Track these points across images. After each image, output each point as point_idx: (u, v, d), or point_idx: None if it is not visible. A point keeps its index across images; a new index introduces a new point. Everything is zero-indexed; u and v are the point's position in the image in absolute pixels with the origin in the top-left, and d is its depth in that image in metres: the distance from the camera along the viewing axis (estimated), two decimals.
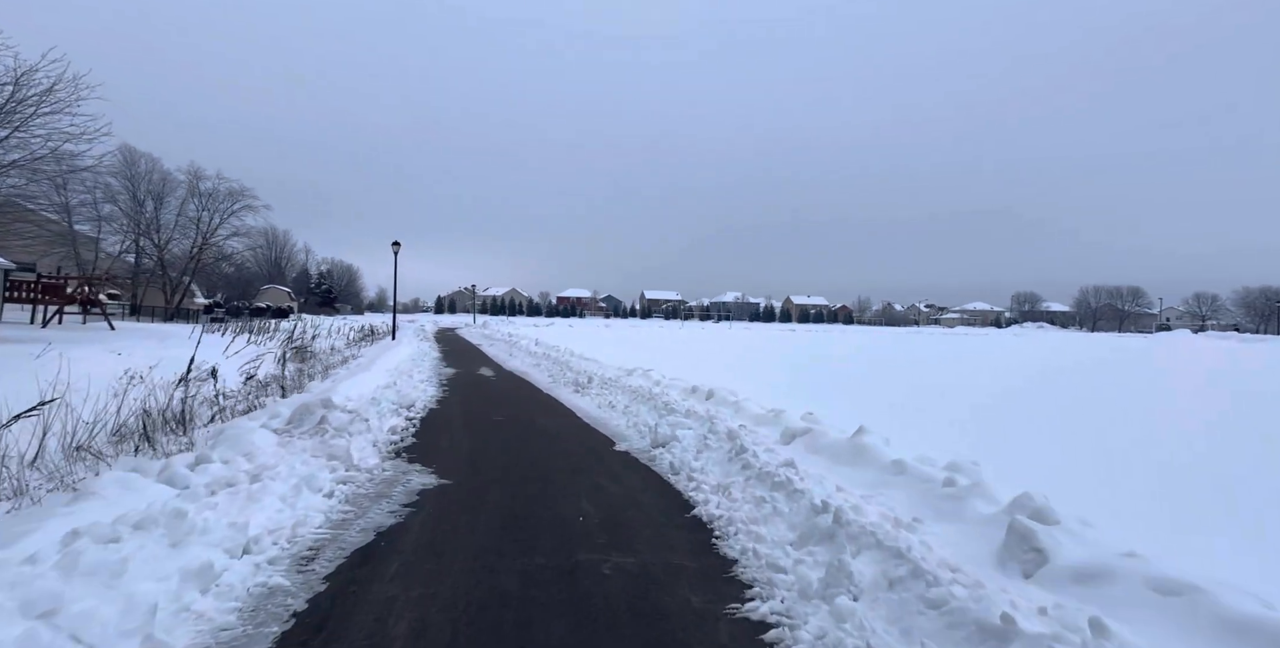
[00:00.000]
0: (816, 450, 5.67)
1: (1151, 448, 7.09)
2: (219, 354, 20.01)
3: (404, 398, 8.94)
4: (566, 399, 11.20)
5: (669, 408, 8.44)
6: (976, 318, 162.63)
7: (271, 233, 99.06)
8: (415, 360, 16.21)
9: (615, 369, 13.70)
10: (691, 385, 10.15)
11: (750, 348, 29.16)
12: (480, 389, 12.53)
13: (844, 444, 5.53)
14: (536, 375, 15.58)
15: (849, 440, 5.57)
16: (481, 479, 5.47)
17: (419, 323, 60.32)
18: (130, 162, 40.44)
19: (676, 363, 17.26)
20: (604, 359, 16.22)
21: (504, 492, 5.11)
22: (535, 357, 20.49)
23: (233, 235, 42.89)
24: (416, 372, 13.98)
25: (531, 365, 18.36)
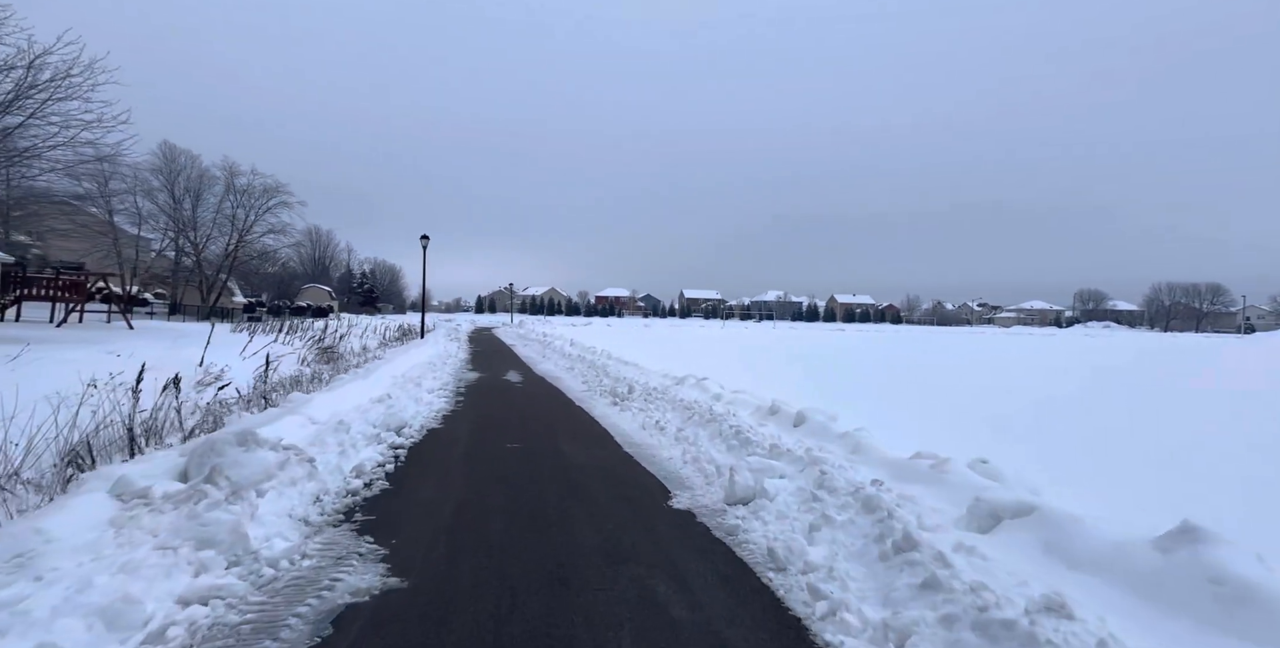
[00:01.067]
0: (1074, 562, 2.97)
1: None
2: (235, 355, 18.62)
3: (393, 418, 6.88)
4: (602, 415, 9.03)
5: (742, 437, 6.12)
6: (1034, 317, 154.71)
7: (315, 232, 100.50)
8: (433, 364, 14.33)
9: (661, 377, 11.47)
10: (766, 403, 7.80)
11: (810, 351, 26.46)
12: (500, 401, 10.47)
13: (1155, 563, 2.69)
14: (569, 382, 13.48)
15: (1164, 556, 2.71)
16: (456, 580, 3.29)
17: (455, 322, 59.38)
18: (170, 158, 40.23)
19: (731, 369, 14.90)
20: (646, 363, 14.02)
21: (484, 612, 2.93)
22: (569, 359, 18.45)
23: (269, 233, 42.29)
24: (430, 378, 12.03)
25: (564, 369, 16.29)
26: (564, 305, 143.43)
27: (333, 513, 4.05)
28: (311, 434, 5.34)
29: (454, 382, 12.84)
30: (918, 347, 33.21)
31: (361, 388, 8.97)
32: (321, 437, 5.29)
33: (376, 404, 7.62)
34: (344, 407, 7.07)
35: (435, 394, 10.11)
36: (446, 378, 13.05)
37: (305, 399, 7.59)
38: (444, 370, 14.52)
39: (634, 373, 12.49)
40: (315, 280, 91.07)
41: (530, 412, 9.30)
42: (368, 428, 6.17)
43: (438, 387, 11.06)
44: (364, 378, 10.08)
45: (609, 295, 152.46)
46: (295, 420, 5.67)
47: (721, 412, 7.46)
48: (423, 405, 8.73)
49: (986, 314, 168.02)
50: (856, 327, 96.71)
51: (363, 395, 8.27)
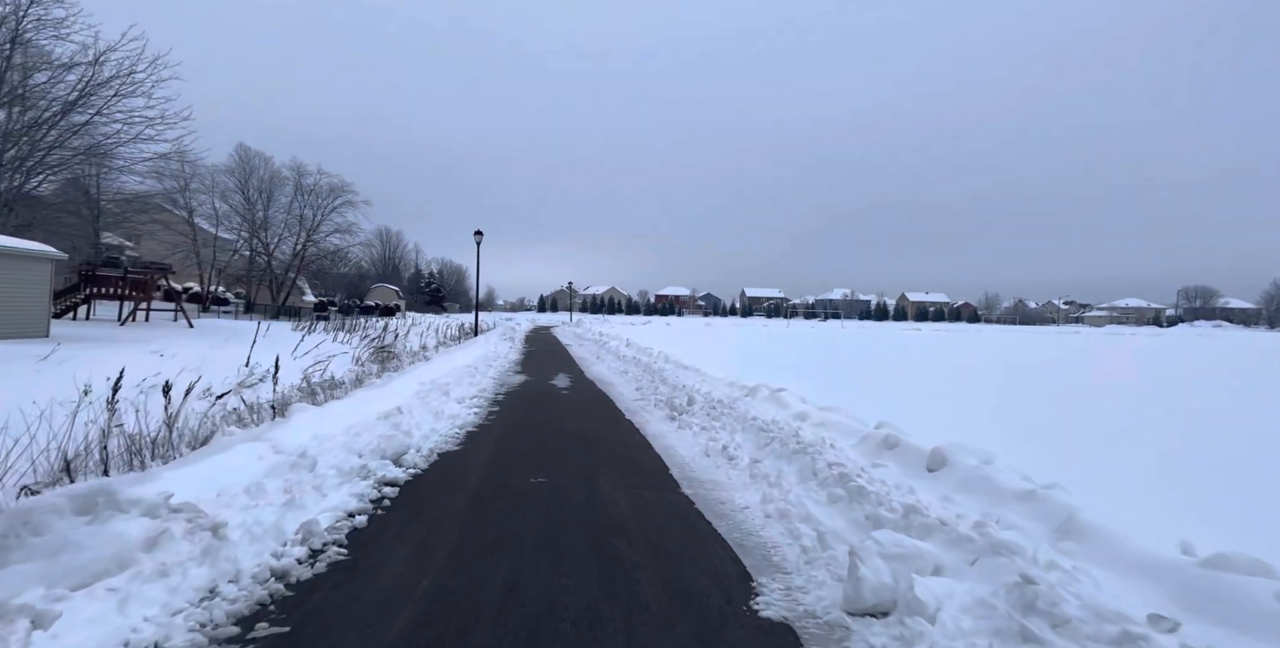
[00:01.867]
0: None
1: None
2: (288, 354, 18.05)
3: (392, 443, 5.43)
4: (656, 434, 7.38)
5: (852, 486, 4.25)
6: (1129, 316, 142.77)
7: (385, 233, 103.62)
8: (474, 368, 13.07)
9: (726, 385, 9.69)
10: (871, 427, 5.87)
11: (895, 353, 23.88)
12: (541, 412, 8.97)
13: None
14: (621, 388, 11.90)
15: None
16: None
17: (515, 321, 59.23)
18: (244, 160, 41.46)
19: (810, 376, 12.90)
20: (708, 367, 12.26)
21: None
22: (624, 361, 16.89)
23: (335, 232, 42.96)
24: (466, 383, 10.71)
25: (618, 373, 14.74)
26: (624, 304, 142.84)
27: (222, 623, 2.55)
28: (257, 474, 3.92)
29: (494, 388, 11.50)
30: (1023, 347, 29.80)
31: (375, 398, 7.67)
32: (267, 479, 3.87)
33: (381, 421, 6.22)
34: (334, 427, 5.70)
35: (465, 405, 8.71)
36: (486, 383, 11.73)
37: (301, 413, 6.29)
38: (486, 374, 13.25)
39: (695, 380, 10.76)
40: (385, 280, 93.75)
41: (572, 427, 7.74)
42: (349, 459, 4.73)
43: (471, 395, 9.69)
44: (384, 386, 8.82)
45: (669, 294, 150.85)
46: (250, 451, 4.30)
47: (811, 439, 5.63)
48: (443, 421, 7.31)
49: (1074, 313, 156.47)
50: (932, 326, 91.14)
51: (370, 409, 6.93)
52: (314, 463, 4.18)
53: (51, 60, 18.90)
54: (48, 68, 18.79)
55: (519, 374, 14.56)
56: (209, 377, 12.40)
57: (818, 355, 20.94)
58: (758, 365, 15.29)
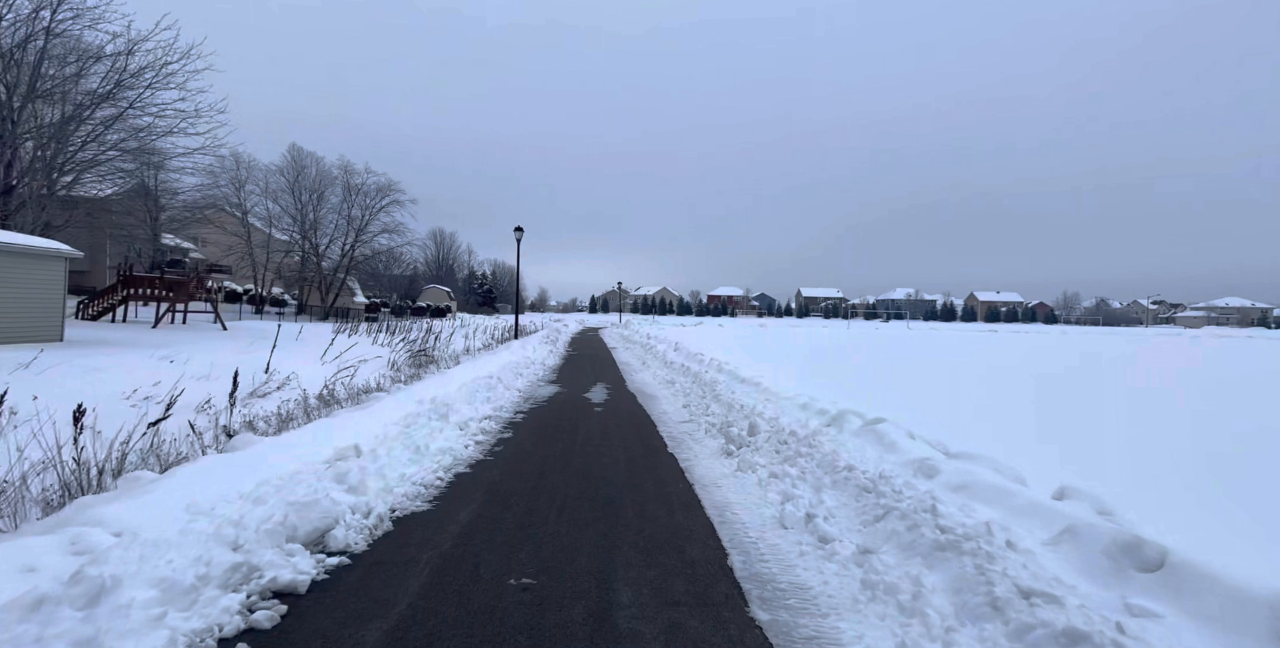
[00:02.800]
0: None
1: None
2: (315, 358, 16.90)
3: (314, 513, 3.62)
4: (707, 480, 5.37)
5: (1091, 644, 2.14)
6: (1229, 316, 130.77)
7: (439, 234, 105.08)
8: (499, 377, 11.35)
9: (799, 407, 7.54)
10: (1063, 503, 3.58)
11: (1002, 364, 20.95)
12: (560, 441, 7.09)
13: None
14: (666, 404, 9.92)
15: None
16: None
17: (564, 322, 58.14)
18: (297, 161, 41.67)
19: (905, 397, 10.52)
20: (771, 380, 10.11)
21: None
22: (671, 369, 14.90)
23: (383, 232, 42.68)
24: (479, 400, 8.96)
25: (663, 383, 12.75)
26: (675, 305, 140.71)
27: None
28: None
29: (516, 404, 9.73)
30: (1179, 354, 26.04)
31: (349, 425, 5.96)
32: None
33: (323, 472, 4.43)
34: (243, 482, 3.93)
35: (466, 432, 6.91)
36: (507, 398, 9.97)
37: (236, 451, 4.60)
38: (513, 385, 11.53)
39: (755, 398, 8.65)
40: (439, 281, 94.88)
41: (597, 468, 5.80)
42: (212, 555, 2.91)
43: (481, 416, 7.90)
44: (367, 407, 7.13)
45: (721, 295, 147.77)
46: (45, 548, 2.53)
47: (962, 522, 3.48)
48: (424, 460, 5.50)
49: (1163, 313, 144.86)
50: (1008, 327, 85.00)
51: (335, 441, 5.19)
52: (100, 591, 2.34)
53: (82, 51, 18.36)
54: (78, 59, 18.25)
55: (551, 385, 12.78)
56: (215, 386, 11.15)
57: (898, 364, 18.32)
58: (831, 378, 12.95)
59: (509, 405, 9.34)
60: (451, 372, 12.28)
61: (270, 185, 40.22)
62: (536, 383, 12.91)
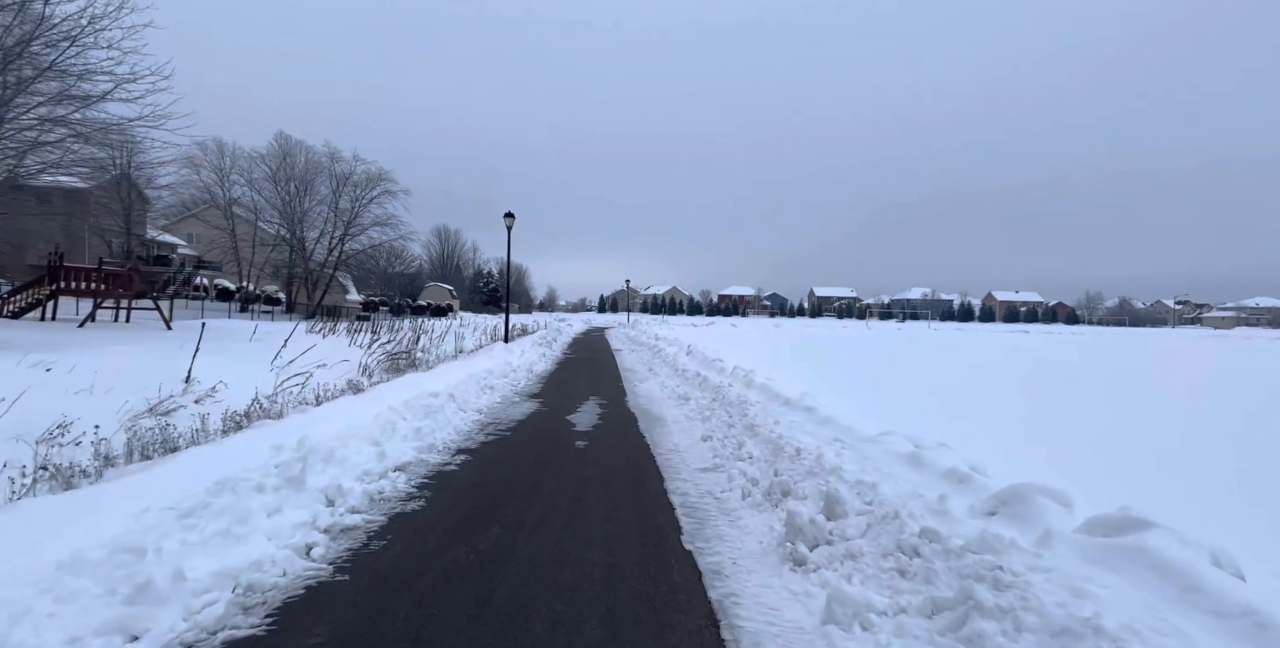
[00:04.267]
0: None
1: None
2: (265, 363, 14.18)
3: None
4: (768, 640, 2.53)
5: None
6: (1260, 317, 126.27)
7: (444, 231, 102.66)
8: (455, 394, 8.51)
9: (903, 460, 4.60)
10: None
11: (1127, 367, 17.82)
12: (497, 525, 4.16)
13: None
14: (678, 435, 7.04)
15: None
16: None
17: (569, 321, 55.34)
18: (285, 149, 38.96)
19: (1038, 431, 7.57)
20: (828, 404, 7.20)
21: None
22: (684, 379, 12.04)
23: (375, 224, 39.87)
24: (398, 436, 6.10)
25: (675, 400, 9.88)
26: (685, 305, 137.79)
27: None
28: None
29: (469, 432, 6.90)
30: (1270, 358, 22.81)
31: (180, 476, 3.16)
32: None
33: None
34: None
35: (334, 509, 4.05)
36: (458, 425, 7.13)
37: None
38: (476, 402, 8.71)
39: (817, 435, 5.73)
40: (444, 279, 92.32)
41: (535, 610, 2.95)
42: None
43: (389, 466, 5.02)
44: (175, 460, 4.34)
45: (732, 294, 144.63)
46: None
47: None
48: (197, 612, 2.65)
49: (1188, 313, 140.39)
50: (1038, 328, 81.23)
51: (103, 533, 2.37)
52: None
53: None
54: None
55: (529, 401, 9.91)
56: (97, 402, 8.44)
57: (976, 377, 15.20)
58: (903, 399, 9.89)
59: (450, 439, 6.47)
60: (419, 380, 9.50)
61: (255, 175, 37.71)
62: (510, 399, 10.05)
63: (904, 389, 11.56)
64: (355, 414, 6.36)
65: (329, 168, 38.39)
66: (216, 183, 37.66)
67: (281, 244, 39.03)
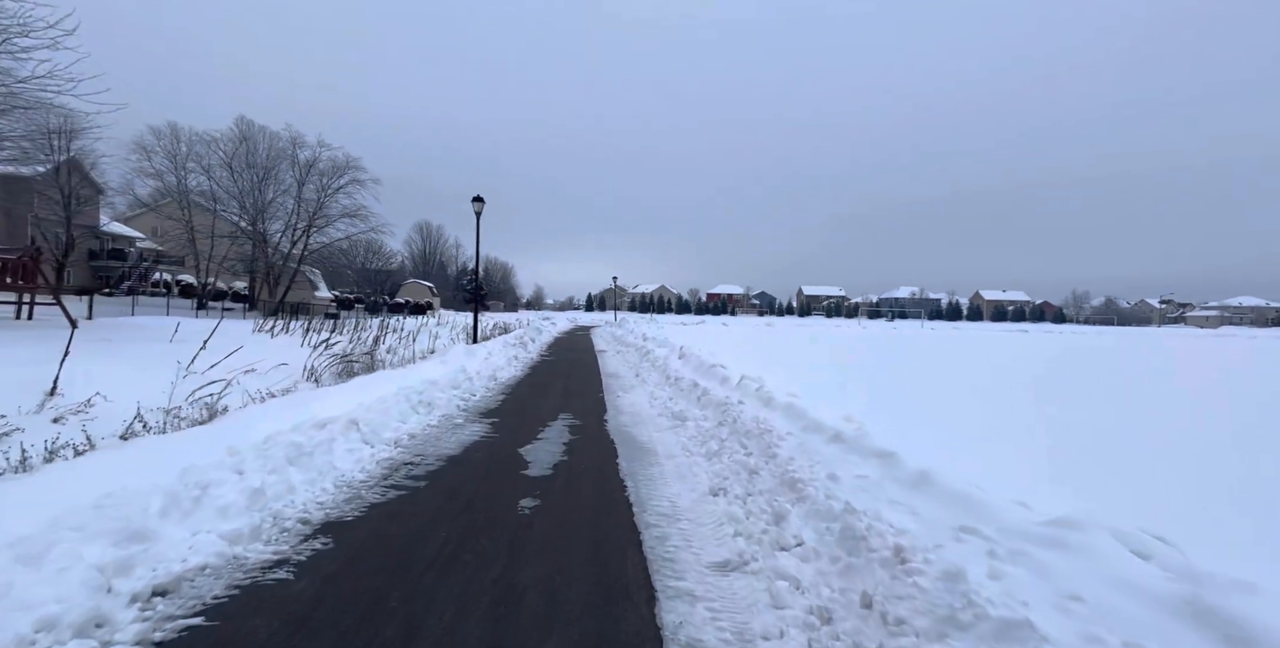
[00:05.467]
0: None
1: None
2: (181, 368, 11.73)
3: None
4: None
5: None
6: (1243, 315, 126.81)
7: (425, 227, 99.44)
8: (361, 421, 6.16)
9: (1084, 563, 2.42)
10: None
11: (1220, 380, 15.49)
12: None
13: None
14: (676, 485, 4.77)
15: None
16: None
17: (553, 320, 52.80)
18: (246, 135, 35.99)
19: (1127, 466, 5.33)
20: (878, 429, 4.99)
21: None
22: (677, 389, 9.78)
23: (343, 216, 37.08)
24: (254, 492, 3.76)
25: (668, 419, 7.61)
26: (674, 303, 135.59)
27: None
28: None
29: (361, 484, 4.57)
30: None
31: None
32: None
33: None
34: None
35: None
36: (346, 472, 4.81)
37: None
38: (402, 427, 6.39)
39: (917, 516, 3.50)
40: (427, 277, 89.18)
41: None
42: None
43: (115, 607, 2.70)
44: None
45: (721, 293, 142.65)
46: None
47: None
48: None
49: (1171, 312, 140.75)
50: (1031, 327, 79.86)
51: None
52: None
53: None
54: None
55: (480, 421, 7.58)
56: None
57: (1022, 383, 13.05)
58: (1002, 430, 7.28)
59: (315, 504, 4.11)
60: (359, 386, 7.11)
61: (212, 161, 34.74)
62: (453, 419, 7.69)
63: (980, 414, 8.31)
64: (150, 468, 3.98)
65: (291, 154, 35.53)
66: (170, 169, 34.69)
67: (242, 237, 36.14)
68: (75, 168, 32.96)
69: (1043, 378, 14.17)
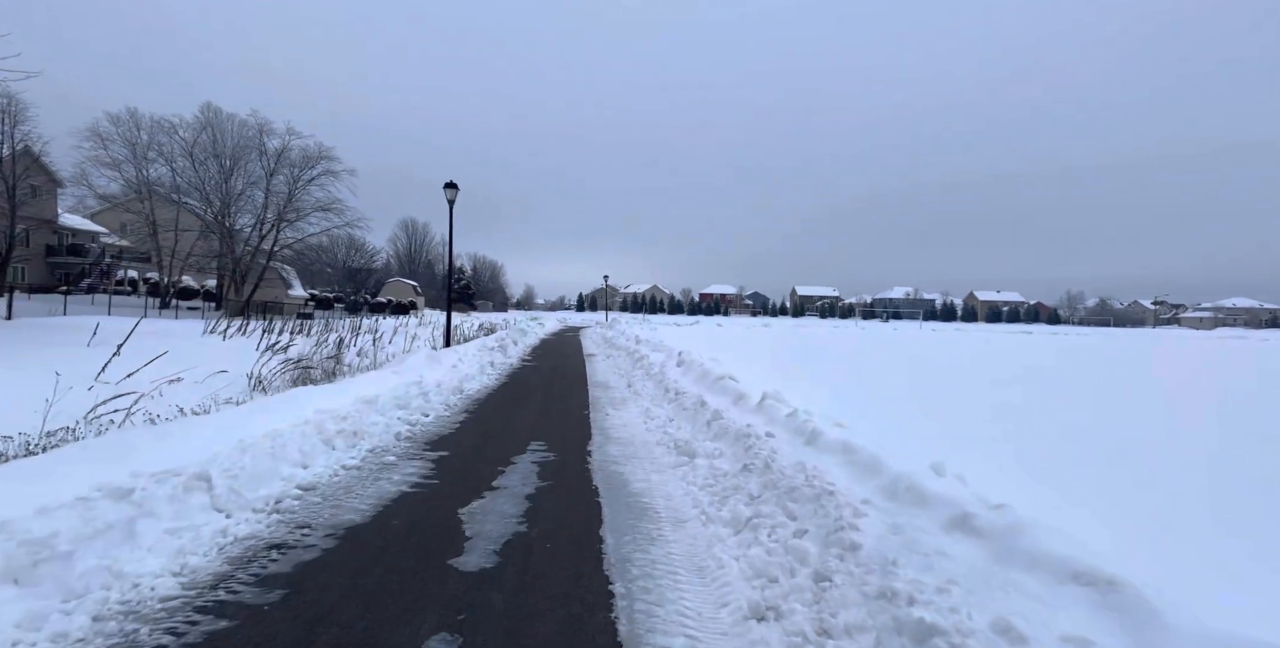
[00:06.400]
0: None
1: None
2: (91, 375, 9.74)
3: None
4: None
5: None
6: (1236, 317, 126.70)
7: (411, 225, 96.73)
8: (236, 472, 4.24)
9: None
10: None
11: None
12: None
13: None
14: (693, 588, 2.94)
15: None
16: None
17: (541, 320, 50.74)
18: (213, 123, 33.60)
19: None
20: (1020, 499, 3.15)
21: None
22: (679, 408, 7.85)
23: (317, 209, 34.78)
24: None
25: (670, 454, 5.65)
26: (666, 303, 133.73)
27: None
28: None
29: (152, 603, 2.69)
30: None
31: None
32: None
33: None
34: None
35: None
36: (130, 595, 2.92)
37: None
38: (284, 479, 4.48)
39: None
40: (413, 275, 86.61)
41: None
42: None
43: None
44: None
45: (713, 293, 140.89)
46: None
47: None
48: None
49: (1164, 314, 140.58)
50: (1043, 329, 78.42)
51: None
52: None
53: None
54: None
55: (419, 458, 5.63)
56: None
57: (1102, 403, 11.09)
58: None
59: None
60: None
61: (174, 150, 32.40)
62: (383, 455, 5.74)
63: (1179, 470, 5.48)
64: None
65: (259, 142, 33.19)
66: (129, 158, 32.28)
67: (207, 231, 33.82)
68: (25, 156, 30.62)
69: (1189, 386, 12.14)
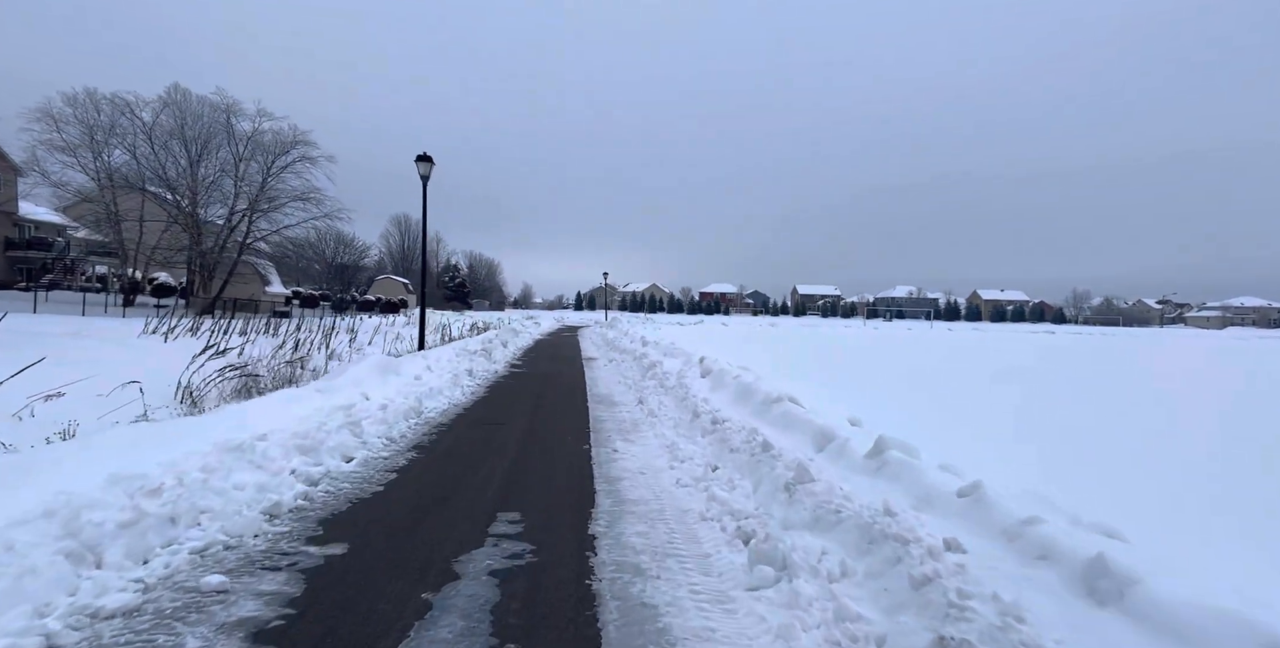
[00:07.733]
0: None
1: None
2: None
3: None
4: None
5: None
6: (1245, 316, 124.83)
7: (403, 221, 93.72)
8: None
9: None
10: None
11: None
12: None
13: None
14: None
15: None
16: None
17: (536, 319, 48.09)
18: (180, 107, 30.74)
19: None
20: None
21: None
22: (724, 447, 5.22)
23: (294, 199, 31.99)
24: None
25: (738, 556, 3.00)
26: (665, 302, 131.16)
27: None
28: None
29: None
30: None
31: None
32: None
33: None
34: None
35: None
36: None
37: None
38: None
39: None
40: (406, 273, 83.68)
41: None
42: None
43: None
44: None
45: (714, 292, 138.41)
46: None
47: None
48: None
49: (1169, 313, 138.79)
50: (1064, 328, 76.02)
51: None
52: None
53: None
54: None
55: (283, 572, 2.99)
56: None
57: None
58: None
59: None
60: None
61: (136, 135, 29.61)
62: (205, 570, 3.11)
63: None
64: None
65: (226, 125, 30.29)
66: (85, 143, 29.44)
67: (172, 222, 31.05)
68: None
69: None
